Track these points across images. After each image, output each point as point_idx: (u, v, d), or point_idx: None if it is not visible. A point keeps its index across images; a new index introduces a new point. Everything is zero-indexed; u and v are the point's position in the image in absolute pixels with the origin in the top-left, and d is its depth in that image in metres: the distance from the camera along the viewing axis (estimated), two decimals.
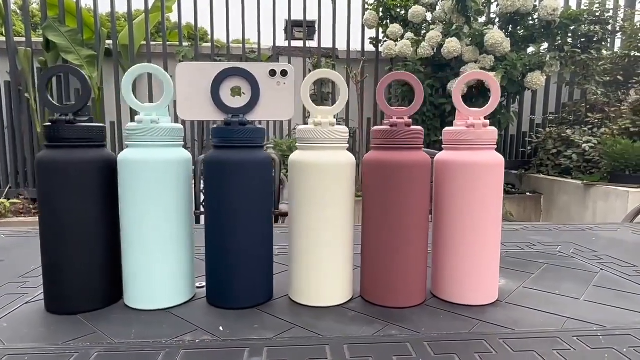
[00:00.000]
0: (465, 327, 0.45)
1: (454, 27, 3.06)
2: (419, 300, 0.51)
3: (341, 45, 3.84)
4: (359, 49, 3.84)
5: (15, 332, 0.43)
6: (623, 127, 2.98)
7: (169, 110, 0.51)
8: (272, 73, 0.49)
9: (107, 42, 3.67)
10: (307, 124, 0.50)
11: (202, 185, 0.43)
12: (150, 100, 3.32)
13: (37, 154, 0.47)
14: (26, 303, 0.50)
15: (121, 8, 5.22)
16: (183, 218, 0.50)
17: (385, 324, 0.46)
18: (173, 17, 3.89)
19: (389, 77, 0.50)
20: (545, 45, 3.34)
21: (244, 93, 0.49)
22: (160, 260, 0.48)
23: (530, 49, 3.34)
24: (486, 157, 0.50)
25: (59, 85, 3.57)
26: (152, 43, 3.70)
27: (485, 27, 2.98)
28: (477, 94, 3.14)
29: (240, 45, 3.78)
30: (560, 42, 3.18)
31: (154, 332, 0.43)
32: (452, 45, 2.94)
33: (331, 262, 0.50)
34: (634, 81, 3.19)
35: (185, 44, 3.75)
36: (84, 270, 0.48)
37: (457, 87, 0.51)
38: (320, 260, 0.50)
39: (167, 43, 3.68)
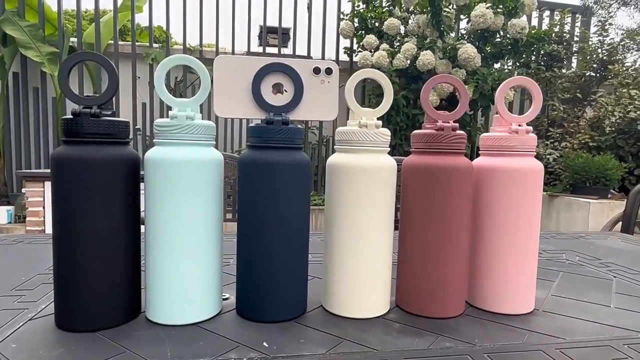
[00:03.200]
0: (517, 337, 0.44)
1: (427, 40, 3.14)
2: (460, 310, 0.49)
3: (316, 54, 3.85)
4: (334, 57, 3.86)
5: (29, 354, 0.38)
6: (582, 141, 3.15)
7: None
8: (317, 71, 0.46)
9: (72, 39, 3.49)
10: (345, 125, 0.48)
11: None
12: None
13: (54, 150, 0.42)
14: (30, 319, 0.44)
15: (87, 5, 4.99)
16: (215, 224, 0.46)
17: (436, 335, 0.44)
18: (142, 18, 3.76)
19: (435, 79, 0.48)
20: (511, 62, 3.50)
21: (286, 91, 0.46)
22: (190, 271, 0.44)
23: (497, 65, 3.48)
24: (529, 163, 0.49)
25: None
26: (120, 43, 3.55)
27: (457, 42, 3.08)
28: (447, 105, 3.23)
29: (214, 49, 3.70)
30: (525, 59, 3.34)
31: (192, 350, 0.39)
32: (427, 58, 3.01)
33: (373, 271, 0.48)
34: (591, 99, 3.39)
35: (155, 45, 3.63)
36: (103, 281, 0.43)
37: (499, 94, 0.50)
38: (362, 270, 0.47)
39: (137, 44, 3.54)
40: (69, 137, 0.42)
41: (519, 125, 0.50)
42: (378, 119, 0.47)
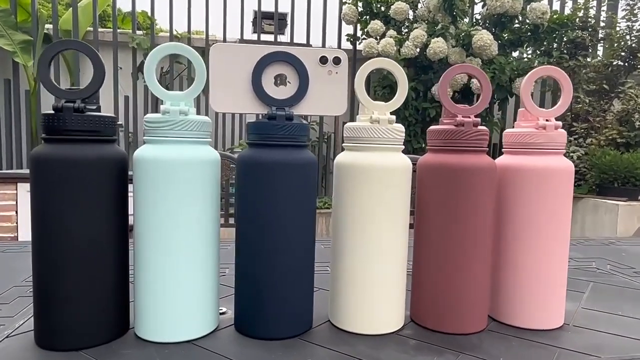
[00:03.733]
0: (547, 355, 0.44)
1: (439, 26, 3.14)
2: (483, 325, 0.49)
3: (315, 41, 3.85)
4: (335, 45, 3.86)
5: None
6: (610, 137, 3.15)
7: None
8: (323, 60, 0.46)
9: (47, 26, 3.49)
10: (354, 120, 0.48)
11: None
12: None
13: (33, 149, 0.41)
14: (7, 337, 0.44)
15: None
16: (211, 231, 0.46)
17: (457, 353, 0.43)
18: (124, 3, 3.76)
19: (455, 69, 0.48)
20: (531, 50, 3.50)
21: (289, 82, 0.46)
22: (184, 282, 0.44)
23: (516, 53, 3.48)
24: (558, 162, 0.49)
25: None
26: (100, 30, 3.55)
27: (472, 28, 3.08)
28: (460, 99, 3.23)
29: (203, 36, 3.70)
30: (546, 47, 3.34)
31: None
32: (438, 46, 3.01)
33: (386, 282, 0.47)
34: (619, 90, 3.39)
35: (139, 32, 3.63)
36: (88, 294, 0.42)
37: (525, 85, 0.50)
38: (374, 281, 0.47)
39: (118, 30, 3.54)
40: (50, 134, 0.41)
41: (547, 120, 0.49)
42: (392, 113, 0.47)
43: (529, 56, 3.46)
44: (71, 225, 0.41)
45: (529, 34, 3.26)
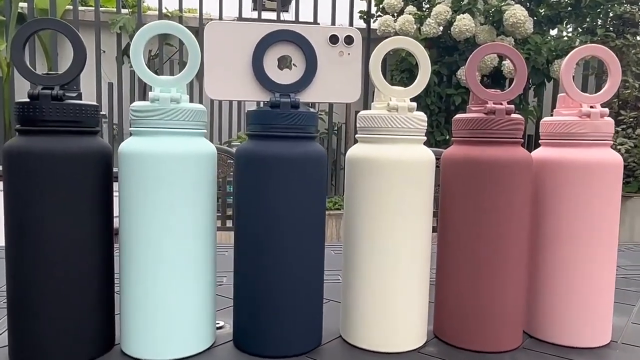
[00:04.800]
0: None
1: (465, 1, 3.12)
2: (518, 342, 0.49)
3: (324, 19, 3.85)
4: (346, 24, 3.85)
5: None
6: None
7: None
8: (334, 40, 0.46)
9: (21, 5, 3.52)
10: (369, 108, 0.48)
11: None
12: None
13: (6, 142, 0.42)
14: None
15: None
16: (207, 235, 0.46)
17: None
18: None
19: (485, 48, 0.48)
20: (571, 27, 3.47)
21: (295, 65, 0.46)
22: (177, 293, 0.44)
23: (554, 31, 3.45)
24: (605, 155, 0.49)
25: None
26: (80, 8, 3.58)
27: (503, 3, 3.06)
28: (490, 83, 3.21)
29: (196, 15, 3.71)
30: (589, 23, 3.30)
31: None
32: (465, 24, 2.99)
33: (406, 293, 0.48)
34: None
35: (124, 11, 3.65)
36: (68, 306, 0.43)
37: (566, 67, 0.49)
38: (392, 291, 0.47)
39: (101, 9, 3.56)
40: (24, 125, 0.42)
41: (591, 107, 0.49)
42: (412, 100, 0.47)
43: (569, 35, 3.41)
44: (49, 227, 0.41)
45: (569, 9, 3.23)
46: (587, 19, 3.31)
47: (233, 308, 0.48)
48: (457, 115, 0.50)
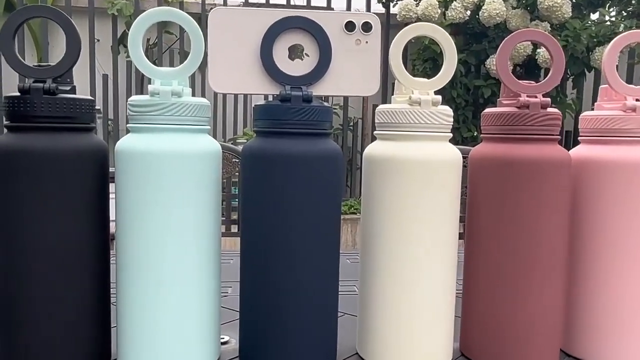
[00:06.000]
0: None
1: None
2: None
3: (339, 4, 3.86)
4: (364, 9, 3.86)
5: None
6: None
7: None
8: (350, 27, 0.46)
9: None
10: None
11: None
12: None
13: None
14: None
15: None
16: (212, 241, 0.46)
17: None
18: None
19: (518, 35, 0.48)
20: (614, 11, 3.44)
21: (307, 55, 0.46)
22: (178, 304, 0.45)
23: (595, 16, 3.42)
24: None
25: None
26: None
27: None
28: (523, 74, 3.19)
29: (199, 1, 3.74)
30: (635, 6, 3.27)
31: None
32: (495, 8, 2.98)
33: (429, 307, 0.48)
34: None
35: None
36: (60, 318, 0.44)
37: (609, 55, 0.49)
38: (414, 305, 0.48)
39: None
40: (15, 121, 0.43)
41: (637, 100, 0.49)
42: (436, 93, 0.47)
43: (612, 19, 3.38)
44: (39, 232, 0.42)
45: None
46: (633, 1, 3.28)
47: (239, 321, 0.48)
48: (487, 110, 0.50)
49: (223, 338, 0.52)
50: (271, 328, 0.46)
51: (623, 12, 3.37)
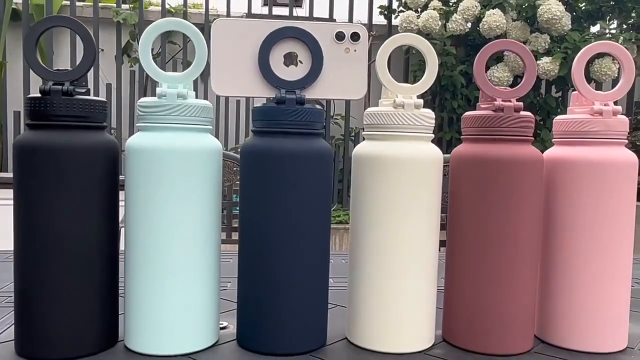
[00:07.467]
0: None
1: None
2: (528, 346, 0.53)
3: (341, 15, 3.91)
4: (365, 20, 3.91)
5: None
6: None
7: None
8: (340, 36, 0.51)
9: (15, 0, 3.65)
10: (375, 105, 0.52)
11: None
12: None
13: (16, 137, 0.48)
14: None
15: None
16: (213, 230, 0.51)
17: None
18: None
19: (493, 46, 0.53)
20: (615, 23, 3.48)
21: (300, 62, 0.51)
22: (184, 290, 0.49)
23: (595, 28, 3.46)
24: (618, 154, 0.52)
25: None
26: (78, 4, 3.69)
27: None
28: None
29: (202, 10, 3.81)
30: (635, 19, 3.31)
31: None
32: (495, 20, 3.02)
33: (413, 295, 0.52)
34: None
35: (124, 6, 3.76)
36: (73, 301, 0.48)
37: (577, 64, 0.54)
38: (398, 293, 0.51)
39: (100, 4, 3.68)
40: (36, 119, 0.47)
41: (604, 105, 0.53)
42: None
43: (613, 31, 3.43)
44: (57, 219, 0.47)
45: (611, 3, 3.24)
46: (633, 14, 3.32)
47: (237, 305, 0.52)
48: (466, 113, 0.54)
49: (222, 324, 0.56)
50: (266, 311, 0.50)
51: (623, 24, 3.42)
